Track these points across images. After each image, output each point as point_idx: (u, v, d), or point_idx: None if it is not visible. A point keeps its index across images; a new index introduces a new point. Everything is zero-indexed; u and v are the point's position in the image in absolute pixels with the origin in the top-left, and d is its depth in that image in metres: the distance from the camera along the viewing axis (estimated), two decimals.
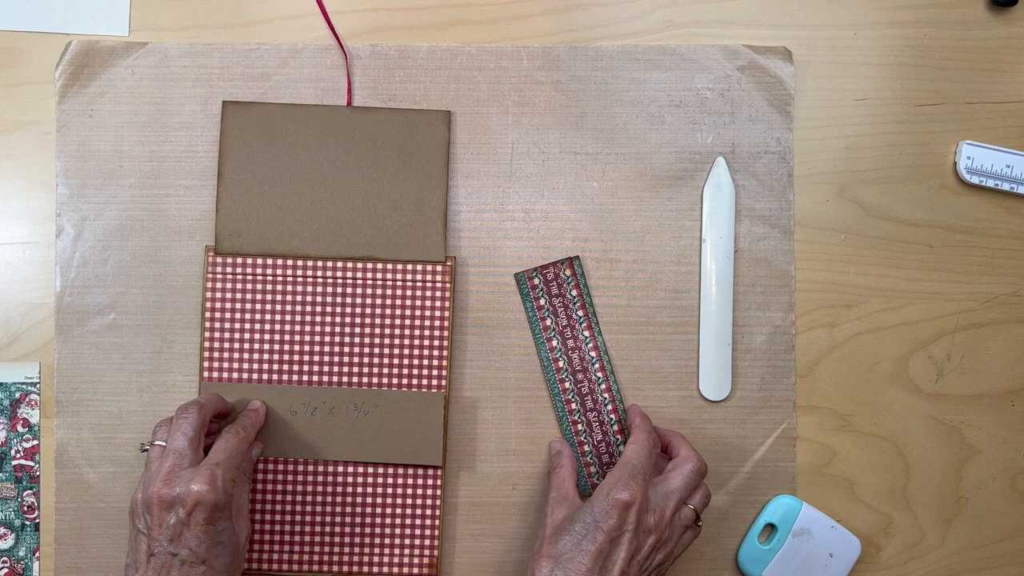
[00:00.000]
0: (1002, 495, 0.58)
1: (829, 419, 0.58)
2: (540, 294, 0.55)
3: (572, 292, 0.55)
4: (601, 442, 0.56)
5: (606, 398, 0.56)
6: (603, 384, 0.56)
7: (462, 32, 0.58)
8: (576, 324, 0.56)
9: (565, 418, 0.56)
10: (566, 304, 0.56)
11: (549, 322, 0.55)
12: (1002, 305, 0.59)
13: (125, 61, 0.57)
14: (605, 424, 0.56)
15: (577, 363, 0.56)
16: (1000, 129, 0.59)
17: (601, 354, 0.56)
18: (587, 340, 0.56)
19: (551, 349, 0.56)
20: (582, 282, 0.56)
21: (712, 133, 0.58)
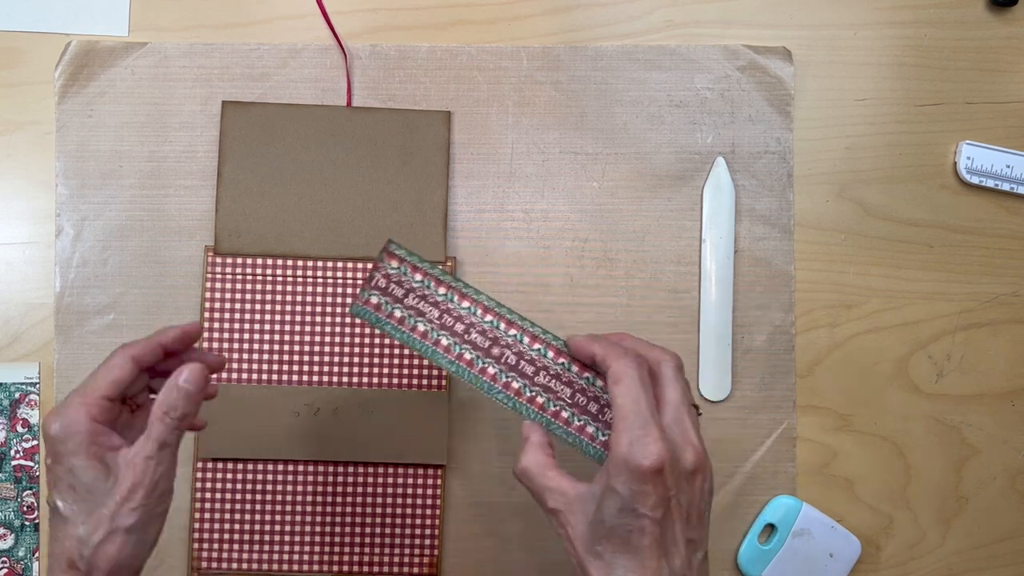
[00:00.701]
0: (1002, 495, 0.58)
1: (829, 419, 0.58)
2: (390, 308, 0.46)
3: (416, 279, 0.46)
4: (574, 395, 0.46)
5: (539, 349, 0.46)
6: (524, 338, 0.46)
7: (462, 32, 0.58)
8: (448, 304, 0.46)
9: (520, 405, 0.46)
10: (422, 296, 0.46)
11: (422, 327, 0.46)
12: (1002, 305, 0.59)
13: (125, 61, 0.57)
14: (562, 375, 0.46)
15: (482, 341, 0.46)
16: (1000, 129, 0.59)
17: (496, 311, 0.46)
18: (471, 310, 0.46)
19: (446, 350, 0.46)
20: (415, 260, 0.46)
21: (712, 133, 0.58)
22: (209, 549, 0.55)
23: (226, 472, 0.55)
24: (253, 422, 0.55)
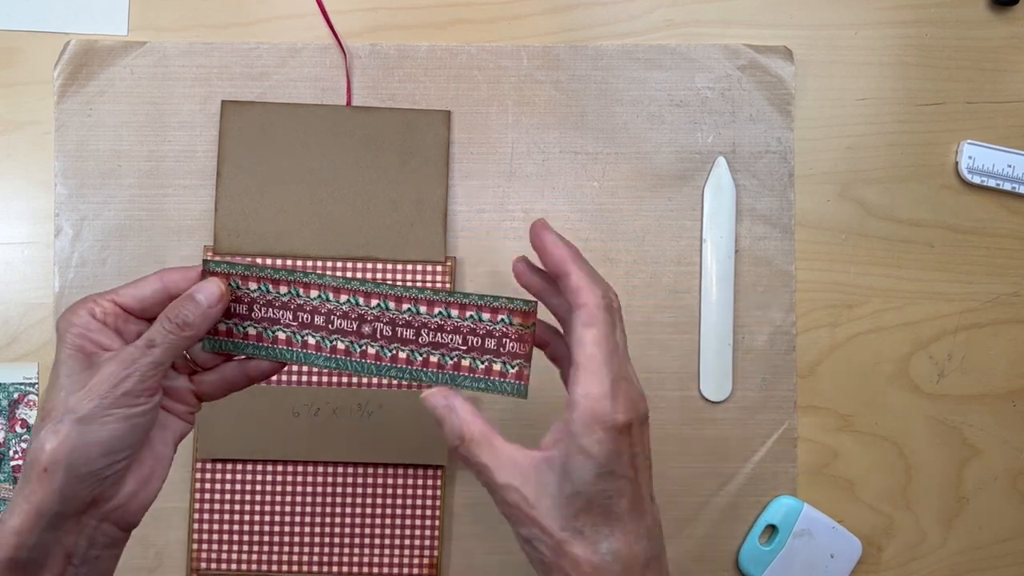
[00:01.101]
0: (1003, 495, 0.58)
1: (830, 419, 0.58)
2: (242, 329, 0.42)
3: (252, 288, 0.42)
4: (466, 339, 0.41)
5: (409, 308, 0.41)
6: (389, 304, 0.41)
7: (462, 31, 0.58)
8: (297, 301, 0.42)
9: (417, 373, 0.42)
10: (267, 303, 0.42)
11: (282, 334, 0.42)
12: (1003, 305, 0.59)
13: (124, 60, 0.57)
14: (444, 324, 0.41)
15: (348, 324, 0.42)
16: (1001, 129, 0.59)
17: (348, 288, 0.42)
18: (323, 297, 0.42)
19: (316, 348, 0.42)
20: (241, 269, 0.42)
21: (713, 133, 0.58)
22: (208, 550, 0.55)
23: (225, 472, 0.55)
24: (252, 422, 0.55)
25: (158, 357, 0.39)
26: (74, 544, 0.38)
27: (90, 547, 0.39)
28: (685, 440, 0.57)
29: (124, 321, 0.40)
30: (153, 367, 0.38)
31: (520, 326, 0.41)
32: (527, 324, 0.41)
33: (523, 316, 0.41)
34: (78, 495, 0.37)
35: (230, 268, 0.42)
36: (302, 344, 0.42)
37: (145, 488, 0.40)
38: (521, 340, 0.41)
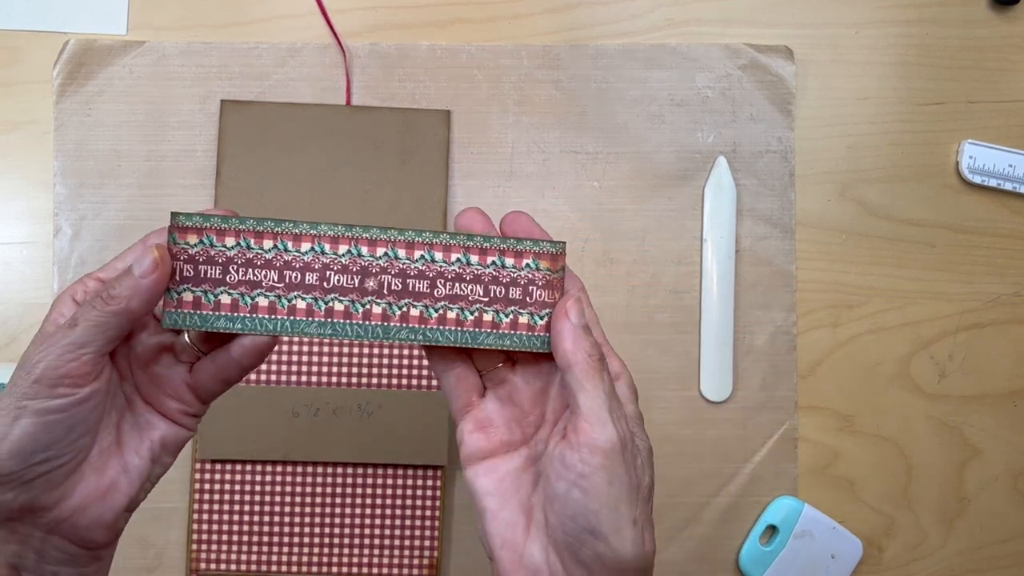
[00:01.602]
0: (1004, 496, 0.58)
1: (831, 420, 0.57)
2: (213, 297, 0.36)
3: (229, 244, 0.36)
4: (487, 289, 0.37)
5: (422, 256, 0.36)
6: (398, 251, 0.36)
7: (462, 31, 0.58)
8: (284, 256, 0.36)
9: (433, 332, 0.37)
10: (247, 262, 0.35)
11: (264, 300, 0.36)
12: (1004, 305, 0.58)
13: (123, 60, 0.57)
14: (464, 273, 0.37)
15: (348, 280, 0.36)
16: (1002, 128, 0.59)
17: (349, 236, 0.36)
18: (317, 249, 0.36)
19: (308, 313, 0.36)
20: (217, 222, 0.36)
21: (713, 132, 0.58)
22: (208, 550, 0.55)
23: (225, 473, 0.55)
24: (252, 423, 0.55)
25: (77, 338, 0.33)
26: (16, 554, 0.34)
27: (41, 560, 0.34)
28: (685, 440, 0.57)
29: None
30: (72, 349, 0.33)
31: (548, 271, 0.37)
32: (556, 268, 0.37)
33: (551, 260, 0.37)
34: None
35: (203, 221, 0.35)
36: (289, 310, 0.36)
37: (101, 502, 0.34)
38: (550, 287, 0.37)
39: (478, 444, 0.38)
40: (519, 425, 0.38)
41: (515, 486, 0.37)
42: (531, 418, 0.39)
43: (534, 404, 0.38)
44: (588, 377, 0.34)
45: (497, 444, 0.38)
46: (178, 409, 0.38)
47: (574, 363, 0.35)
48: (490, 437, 0.38)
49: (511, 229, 0.38)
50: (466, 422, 0.38)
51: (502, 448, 0.38)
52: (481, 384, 0.39)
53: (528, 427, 0.38)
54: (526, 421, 0.38)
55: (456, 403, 0.39)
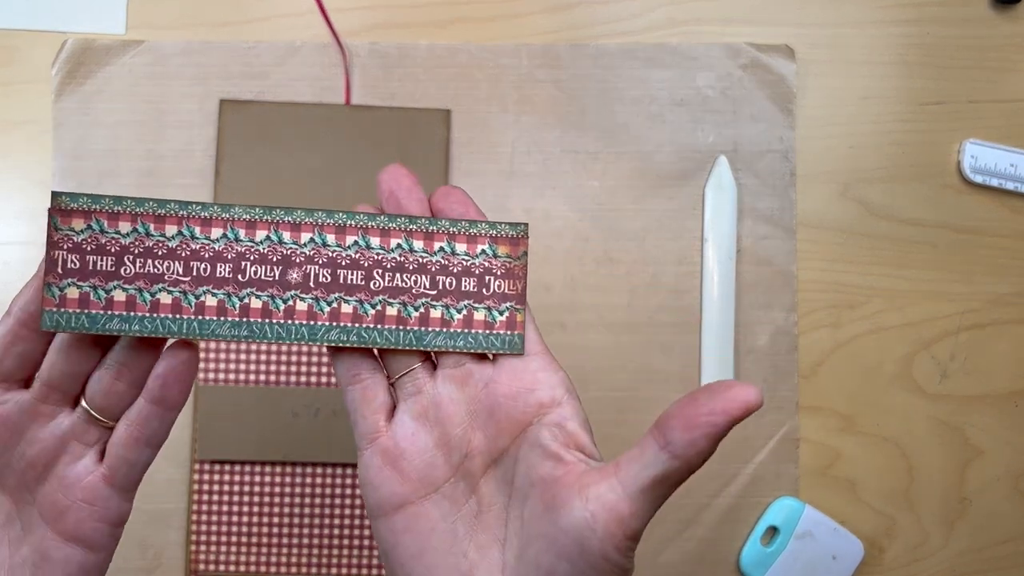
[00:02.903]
0: (1006, 497, 0.58)
1: (832, 420, 0.57)
2: (104, 294, 0.30)
3: (124, 229, 0.30)
4: (435, 280, 0.32)
5: (355, 241, 0.31)
6: (327, 237, 0.31)
7: (462, 30, 0.58)
8: (190, 245, 0.30)
9: (369, 333, 0.31)
10: (145, 251, 0.30)
11: (167, 297, 0.30)
12: (1006, 305, 0.58)
13: (121, 59, 0.56)
14: (406, 262, 0.31)
15: (267, 271, 0.31)
16: (1004, 128, 0.59)
17: (268, 219, 0.31)
18: (231, 235, 0.30)
19: (219, 312, 0.30)
20: (108, 204, 0.30)
21: (714, 132, 0.58)
22: (207, 551, 0.55)
23: (224, 474, 0.55)
24: (251, 423, 0.54)
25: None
26: None
27: None
28: None
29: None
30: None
31: (508, 257, 0.32)
32: (517, 255, 0.32)
33: (511, 244, 0.32)
34: None
35: (92, 203, 0.30)
36: (197, 308, 0.30)
37: None
38: (510, 276, 0.32)
39: (391, 487, 0.29)
40: (444, 451, 0.30)
41: (450, 541, 0.29)
42: (457, 437, 0.30)
43: (463, 419, 0.30)
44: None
45: (416, 485, 0.29)
46: (93, 516, 0.30)
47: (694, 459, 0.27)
48: (405, 476, 0.30)
49: (442, 209, 0.32)
50: (370, 454, 0.30)
51: (423, 489, 0.30)
52: (391, 401, 0.31)
53: (455, 451, 0.30)
54: (452, 444, 0.30)
55: (360, 425, 0.30)
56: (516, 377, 0.30)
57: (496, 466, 0.30)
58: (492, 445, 0.30)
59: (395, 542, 0.29)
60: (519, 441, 0.29)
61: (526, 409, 0.30)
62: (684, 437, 0.27)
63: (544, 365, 0.31)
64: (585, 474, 0.28)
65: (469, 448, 0.30)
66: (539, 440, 0.29)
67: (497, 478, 0.30)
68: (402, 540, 0.29)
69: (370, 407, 0.30)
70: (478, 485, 0.30)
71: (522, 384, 0.30)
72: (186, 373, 0.30)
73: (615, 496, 0.27)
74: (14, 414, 0.29)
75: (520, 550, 0.28)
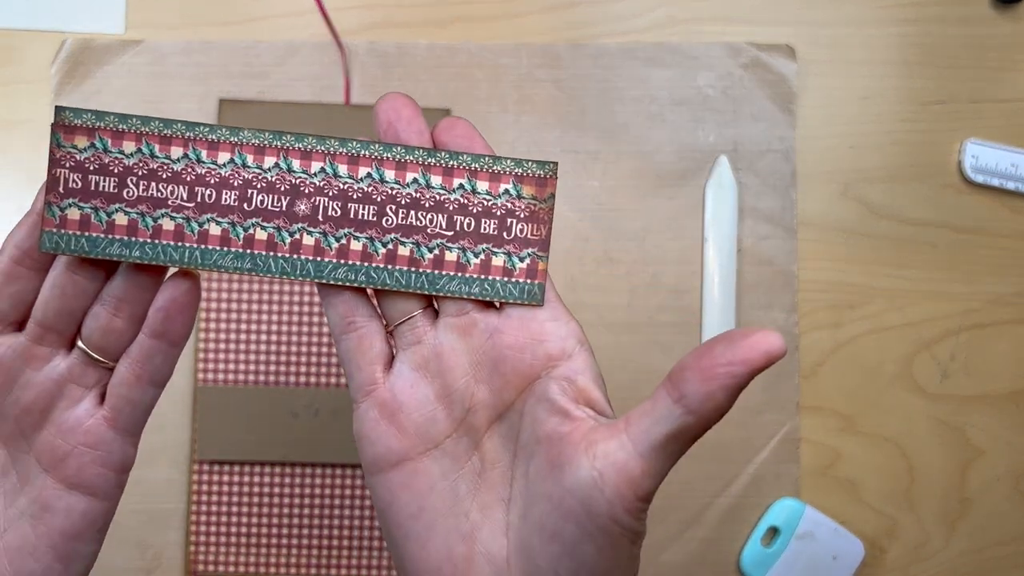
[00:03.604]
0: (1007, 497, 0.58)
1: (832, 420, 0.57)
2: (106, 216, 0.29)
3: (129, 149, 0.29)
4: (452, 219, 0.29)
5: (369, 173, 0.29)
6: (339, 167, 0.29)
7: (461, 29, 0.57)
8: (196, 169, 0.29)
9: (378, 273, 0.29)
10: (149, 173, 0.29)
11: (170, 223, 0.29)
12: (1007, 305, 0.58)
13: (121, 59, 0.56)
14: (422, 198, 0.29)
15: (274, 201, 0.29)
16: (1005, 128, 0.58)
17: (278, 145, 0.29)
18: (239, 161, 0.29)
19: (223, 242, 0.29)
20: (113, 121, 0.29)
21: (714, 131, 0.57)
22: (206, 552, 0.55)
23: (224, 474, 0.55)
24: (251, 424, 0.54)
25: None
26: None
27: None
28: None
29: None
30: None
31: (533, 199, 0.29)
32: (544, 196, 0.29)
33: (537, 185, 0.29)
34: None
35: (96, 119, 0.28)
36: (200, 236, 0.28)
37: None
38: (534, 220, 0.29)
39: (387, 442, 0.28)
40: (445, 405, 0.28)
41: (450, 500, 0.28)
42: (459, 390, 0.28)
43: (466, 370, 0.28)
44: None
45: (415, 440, 0.28)
46: (96, 461, 0.29)
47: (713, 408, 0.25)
48: (403, 430, 0.28)
49: (446, 143, 0.30)
50: (367, 406, 0.29)
51: (422, 445, 0.28)
52: (389, 351, 0.29)
53: (457, 405, 0.28)
54: (454, 397, 0.28)
55: (355, 377, 0.29)
56: (524, 327, 0.28)
57: (501, 421, 0.28)
58: (497, 399, 0.28)
59: (392, 500, 0.28)
60: (525, 395, 0.28)
61: (533, 362, 0.28)
62: (700, 390, 0.24)
63: (555, 315, 0.29)
64: (593, 430, 0.26)
65: (472, 402, 0.28)
66: (546, 394, 0.27)
67: (502, 434, 0.28)
68: (399, 498, 0.28)
69: (366, 357, 0.29)
70: (481, 441, 0.28)
71: (530, 335, 0.28)
72: (188, 304, 0.29)
73: (625, 454, 0.25)
74: (7, 358, 0.28)
75: (524, 510, 0.27)
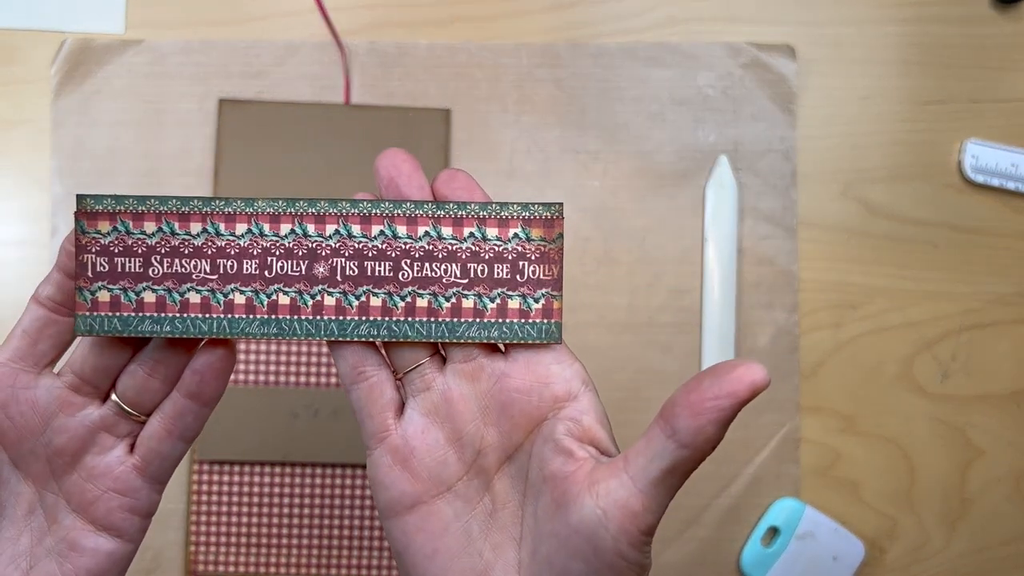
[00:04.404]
0: (1007, 498, 0.58)
1: (833, 420, 0.57)
2: (135, 296, 0.30)
3: (150, 230, 0.30)
4: (465, 268, 0.30)
5: (382, 231, 0.30)
6: (352, 227, 0.30)
7: (461, 29, 0.57)
8: (216, 242, 0.30)
9: (399, 326, 0.30)
10: (172, 251, 0.30)
11: (196, 296, 0.30)
12: (1007, 305, 0.58)
13: (120, 59, 0.56)
14: (435, 250, 0.30)
15: (293, 266, 0.30)
16: (1005, 127, 0.58)
17: (291, 212, 0.30)
18: (255, 230, 0.30)
19: (248, 310, 0.30)
20: (132, 204, 0.30)
21: (715, 131, 0.57)
22: (206, 552, 0.54)
23: (223, 474, 0.55)
24: (251, 424, 0.54)
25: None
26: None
27: None
28: None
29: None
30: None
31: (542, 241, 0.30)
32: (552, 237, 0.30)
33: (545, 226, 0.30)
34: None
35: (116, 204, 0.30)
36: (226, 306, 0.30)
37: None
38: (545, 260, 0.30)
39: (401, 487, 0.29)
40: (456, 448, 0.29)
41: (464, 541, 0.29)
42: (469, 434, 0.29)
43: (475, 414, 0.29)
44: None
45: (428, 484, 0.29)
46: (123, 506, 0.30)
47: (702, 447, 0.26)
48: (416, 475, 0.29)
49: (446, 195, 0.30)
50: (380, 453, 0.30)
51: (435, 488, 0.29)
52: (399, 397, 0.30)
53: (467, 448, 0.29)
54: (464, 441, 0.29)
55: (367, 425, 0.30)
56: (529, 371, 0.29)
57: (511, 462, 0.29)
58: (506, 441, 0.29)
59: (407, 543, 0.29)
60: (533, 436, 0.29)
61: (540, 404, 0.29)
62: (691, 424, 0.26)
63: (559, 357, 0.30)
64: (595, 470, 0.27)
65: (482, 445, 0.29)
66: (553, 435, 0.28)
67: (511, 475, 0.29)
68: (415, 540, 0.29)
69: (377, 405, 0.30)
70: (492, 482, 0.29)
71: (536, 378, 0.29)
72: (223, 369, 0.30)
73: (626, 492, 0.26)
74: (43, 400, 0.30)
75: (534, 548, 0.28)
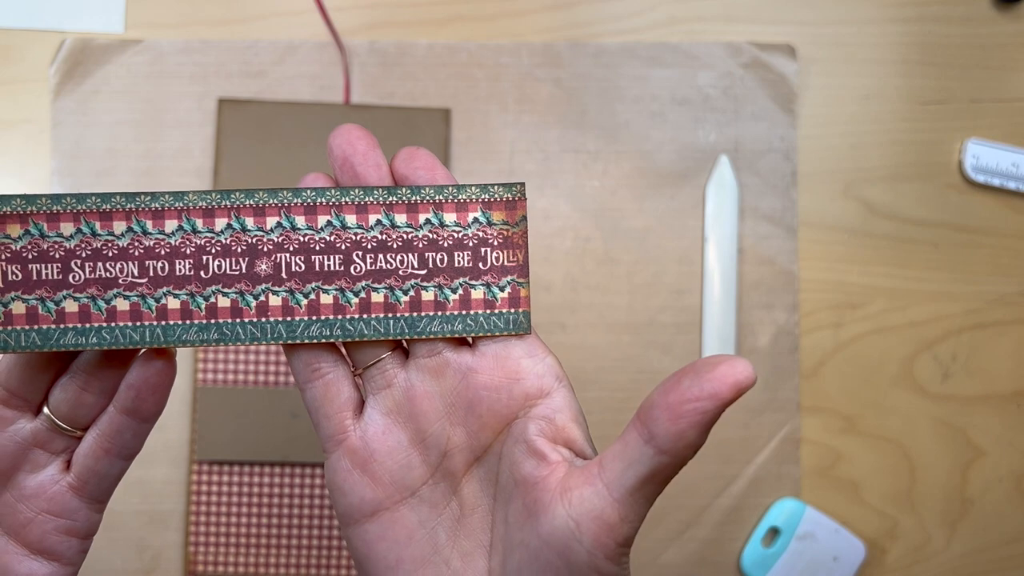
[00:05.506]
0: (1008, 498, 0.58)
1: (833, 421, 0.57)
2: (53, 306, 0.27)
3: (67, 231, 0.27)
4: (423, 257, 0.28)
5: (329, 221, 0.27)
6: (295, 219, 0.27)
7: (461, 28, 0.57)
8: (143, 242, 0.27)
9: (353, 324, 0.27)
10: (94, 254, 0.27)
11: (123, 303, 0.27)
12: (1008, 305, 0.58)
13: (120, 58, 0.56)
14: (389, 240, 0.27)
15: (232, 264, 0.27)
16: (1006, 127, 0.58)
17: (228, 204, 0.27)
18: (188, 227, 0.27)
19: (183, 315, 0.27)
20: (46, 204, 0.26)
21: (715, 131, 0.57)
22: (206, 552, 0.54)
23: (223, 475, 0.55)
24: (250, 424, 0.54)
25: None
26: None
27: None
28: None
29: None
30: None
31: (505, 224, 0.28)
32: (515, 220, 0.28)
33: (507, 208, 0.28)
34: None
35: (27, 204, 0.26)
36: (158, 313, 0.27)
37: None
38: (509, 245, 0.28)
39: (361, 493, 0.27)
40: (420, 450, 0.27)
41: (430, 549, 0.27)
42: (434, 434, 0.27)
43: (440, 413, 0.27)
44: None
45: (390, 489, 0.27)
46: (59, 528, 0.27)
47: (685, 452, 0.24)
48: (377, 479, 0.27)
49: (406, 176, 0.27)
50: (337, 456, 0.27)
51: (398, 493, 0.27)
52: (358, 396, 0.28)
53: (432, 449, 0.27)
54: (428, 442, 0.27)
55: (324, 427, 0.27)
56: (499, 366, 0.27)
57: (479, 464, 0.27)
58: (474, 441, 0.27)
59: (368, 552, 0.27)
60: (503, 436, 0.27)
61: (510, 402, 0.26)
62: (670, 429, 0.23)
63: (531, 351, 0.27)
64: (568, 476, 0.25)
65: (448, 446, 0.27)
66: (524, 435, 0.26)
67: (480, 477, 0.27)
68: (376, 550, 0.26)
69: (334, 404, 0.27)
70: (460, 486, 0.27)
71: (505, 374, 0.27)
72: (161, 383, 0.27)
73: (601, 501, 0.24)
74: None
75: (504, 557, 0.26)
